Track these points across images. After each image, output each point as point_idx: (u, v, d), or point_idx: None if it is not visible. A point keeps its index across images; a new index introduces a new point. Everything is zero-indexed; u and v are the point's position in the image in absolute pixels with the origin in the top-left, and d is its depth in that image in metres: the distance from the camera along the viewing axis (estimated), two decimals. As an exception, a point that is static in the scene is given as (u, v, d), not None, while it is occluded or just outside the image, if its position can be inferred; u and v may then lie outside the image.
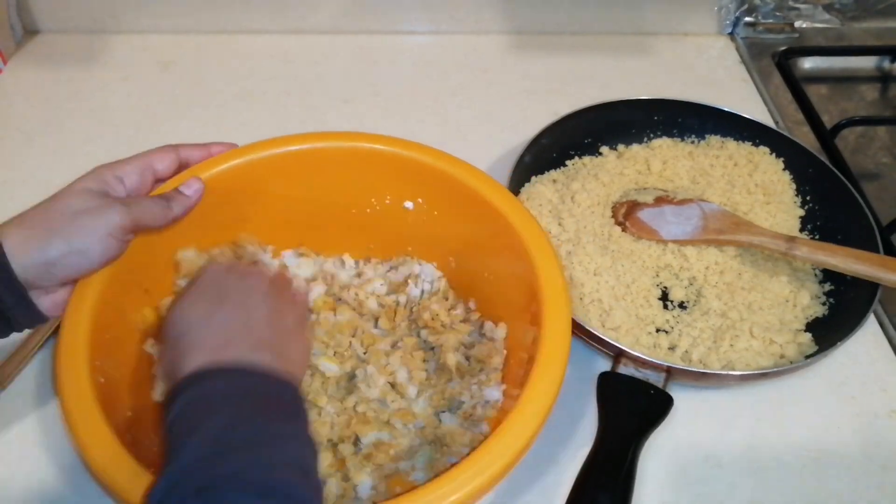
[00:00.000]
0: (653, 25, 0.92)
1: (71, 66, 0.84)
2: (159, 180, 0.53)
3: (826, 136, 0.78)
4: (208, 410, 0.38)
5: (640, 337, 0.59)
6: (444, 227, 0.59)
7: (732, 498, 0.53)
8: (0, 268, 0.43)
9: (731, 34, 0.93)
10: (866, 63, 0.91)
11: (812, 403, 0.58)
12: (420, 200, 0.59)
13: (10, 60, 0.84)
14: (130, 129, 0.77)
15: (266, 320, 0.45)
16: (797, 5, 0.93)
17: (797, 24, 0.94)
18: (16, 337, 0.58)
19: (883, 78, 0.90)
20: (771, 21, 0.93)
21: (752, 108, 0.83)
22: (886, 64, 0.91)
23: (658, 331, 0.60)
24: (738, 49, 0.91)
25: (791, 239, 0.60)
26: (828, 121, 0.80)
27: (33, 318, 0.47)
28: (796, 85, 0.85)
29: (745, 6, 0.91)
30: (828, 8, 0.94)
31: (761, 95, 0.85)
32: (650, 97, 0.74)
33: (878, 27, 0.95)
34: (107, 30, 0.87)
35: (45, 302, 0.47)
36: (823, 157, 0.70)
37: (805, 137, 0.79)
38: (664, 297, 0.63)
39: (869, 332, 0.63)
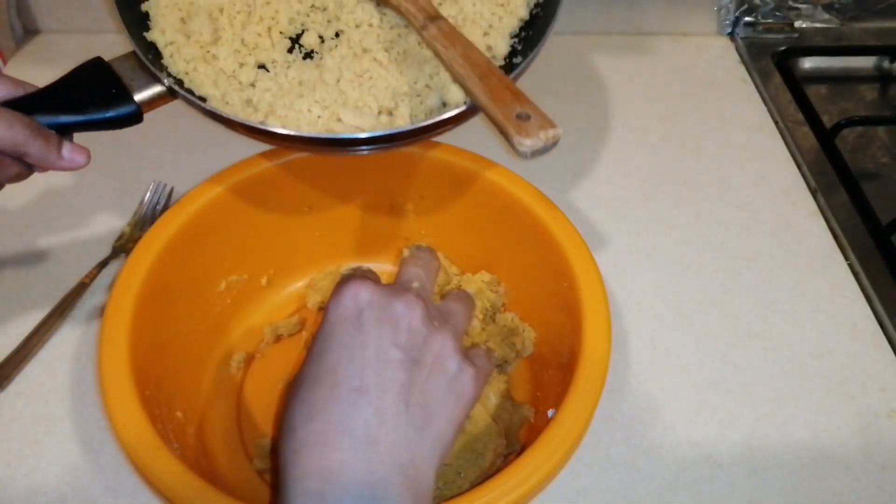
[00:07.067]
0: (653, 25, 0.92)
1: (71, 66, 0.84)
2: None
3: (826, 136, 0.78)
4: None
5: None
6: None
7: (732, 498, 0.52)
8: None
9: (731, 34, 0.93)
10: (866, 63, 0.91)
11: (812, 403, 0.58)
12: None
13: (10, 60, 0.84)
14: (129, 128, 0.77)
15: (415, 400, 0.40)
16: (797, 5, 0.93)
17: (797, 24, 0.94)
18: (15, 337, 0.58)
19: (883, 78, 0.90)
20: (771, 21, 0.93)
21: (752, 107, 0.83)
22: (886, 64, 0.91)
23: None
24: (737, 49, 0.91)
25: (433, 18, 0.49)
26: (828, 121, 0.80)
27: None
28: (796, 85, 0.84)
29: (745, 6, 0.91)
30: (828, 8, 0.94)
31: (761, 95, 0.85)
32: None
33: (878, 27, 0.95)
34: (107, 30, 0.87)
35: None
36: (823, 157, 0.70)
37: (805, 137, 0.79)
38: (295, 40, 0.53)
39: (869, 332, 0.63)
